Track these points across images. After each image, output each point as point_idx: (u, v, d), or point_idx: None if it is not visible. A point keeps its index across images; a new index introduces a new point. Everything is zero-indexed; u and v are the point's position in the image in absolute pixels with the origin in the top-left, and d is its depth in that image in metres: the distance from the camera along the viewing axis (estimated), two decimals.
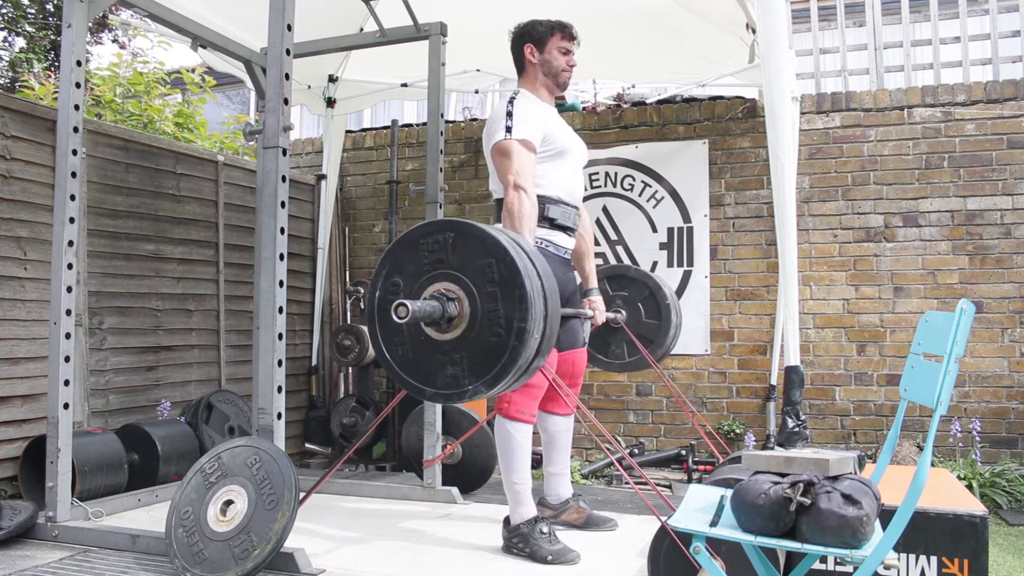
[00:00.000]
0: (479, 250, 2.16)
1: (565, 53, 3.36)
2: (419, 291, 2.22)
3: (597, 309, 3.54)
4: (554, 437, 3.45)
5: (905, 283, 4.89)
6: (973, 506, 2.55)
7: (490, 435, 4.29)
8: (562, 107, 5.73)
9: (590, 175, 5.50)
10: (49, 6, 6.86)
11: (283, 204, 3.03)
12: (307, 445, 5.63)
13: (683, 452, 4.99)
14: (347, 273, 6.10)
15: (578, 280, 3.56)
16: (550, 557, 2.99)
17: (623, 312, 3.94)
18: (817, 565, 2.55)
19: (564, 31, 3.37)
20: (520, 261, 2.12)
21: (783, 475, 1.95)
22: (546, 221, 3.18)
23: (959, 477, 4.20)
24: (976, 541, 2.46)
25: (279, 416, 2.98)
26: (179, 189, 4.78)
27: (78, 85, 3.38)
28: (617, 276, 4.06)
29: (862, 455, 2.37)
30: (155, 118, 6.04)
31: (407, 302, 2.03)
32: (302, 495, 2.87)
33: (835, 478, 1.90)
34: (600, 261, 5.40)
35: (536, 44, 3.36)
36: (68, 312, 3.32)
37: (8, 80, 6.66)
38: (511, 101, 3.19)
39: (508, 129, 3.10)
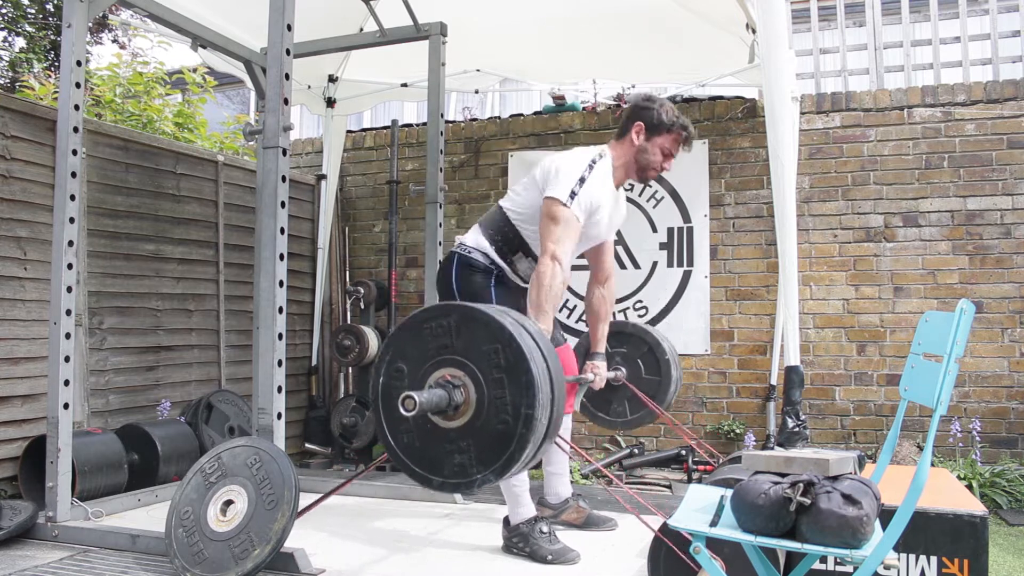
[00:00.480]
0: (484, 335, 2.12)
1: (666, 156, 3.20)
2: (424, 377, 2.18)
3: (598, 374, 3.44)
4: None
5: (905, 283, 4.89)
6: (973, 506, 2.55)
7: None
8: (562, 107, 5.73)
9: None
10: (49, 6, 6.86)
11: (283, 204, 3.03)
12: (307, 445, 5.63)
13: (683, 452, 4.99)
14: (347, 273, 6.10)
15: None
16: (550, 556, 2.99)
17: (623, 369, 3.89)
18: (817, 565, 2.55)
19: (682, 136, 3.18)
20: (526, 346, 2.08)
21: (783, 475, 1.95)
22: (510, 265, 3.21)
23: (959, 477, 4.20)
24: (976, 541, 2.46)
25: (279, 416, 2.98)
26: (179, 189, 4.78)
27: (78, 85, 3.38)
28: (615, 333, 3.97)
29: (862, 455, 2.37)
30: (154, 118, 6.04)
31: (414, 394, 2.00)
32: (318, 497, 2.86)
33: (835, 478, 1.90)
34: None
35: (648, 130, 3.16)
36: (68, 312, 3.32)
37: (8, 80, 6.66)
38: (593, 164, 3.07)
39: (572, 195, 2.98)
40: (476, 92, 6.03)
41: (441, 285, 3.31)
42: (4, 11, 6.77)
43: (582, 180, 3.00)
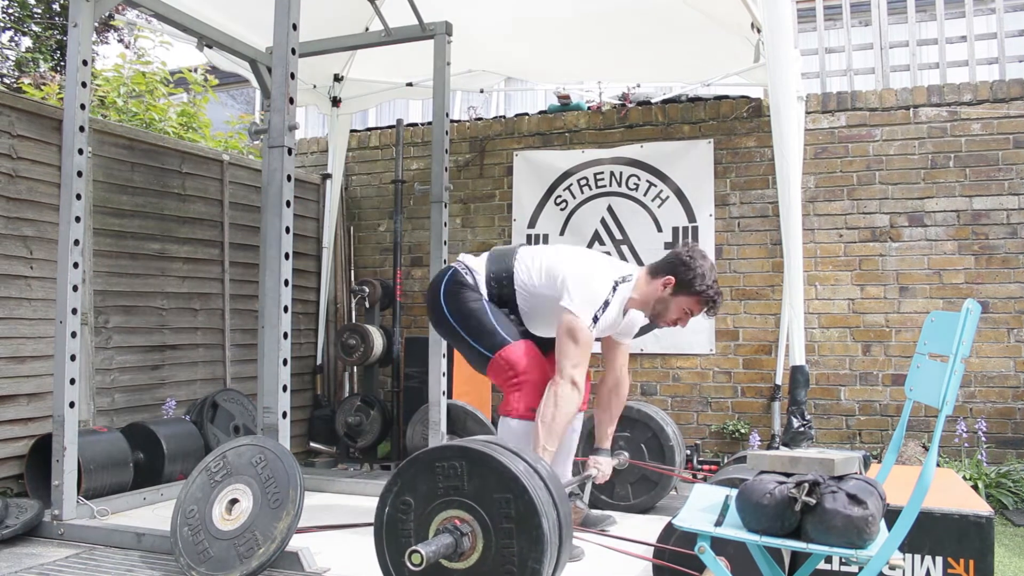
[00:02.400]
0: (496, 483, 2.11)
1: (685, 314, 3.24)
2: (430, 515, 2.17)
3: (600, 469, 3.46)
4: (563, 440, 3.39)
5: (910, 283, 4.88)
6: (979, 506, 2.54)
7: (493, 433, 4.29)
8: (567, 107, 5.73)
9: (595, 174, 5.50)
10: (55, 6, 6.87)
11: (288, 203, 3.03)
12: (312, 444, 5.63)
13: (688, 452, 4.98)
14: (352, 272, 6.11)
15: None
16: None
17: (625, 454, 3.88)
18: (822, 565, 2.54)
19: (708, 305, 3.22)
20: (538, 498, 2.07)
21: (788, 475, 1.94)
22: (495, 293, 3.25)
23: (964, 477, 4.19)
24: (982, 541, 2.45)
25: (284, 415, 2.98)
26: (184, 188, 4.79)
27: (84, 84, 3.38)
28: (619, 417, 3.99)
29: (867, 455, 2.36)
30: (156, 118, 6.04)
31: (421, 549, 1.99)
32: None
33: (840, 478, 1.89)
34: None
35: (677, 286, 3.19)
36: (74, 311, 3.33)
37: (15, 79, 6.68)
38: (616, 287, 3.14)
39: (595, 319, 3.05)
40: (481, 91, 6.03)
41: (430, 293, 3.36)
42: (10, 11, 6.79)
43: (606, 304, 3.08)
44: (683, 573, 2.35)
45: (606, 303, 3.07)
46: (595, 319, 3.04)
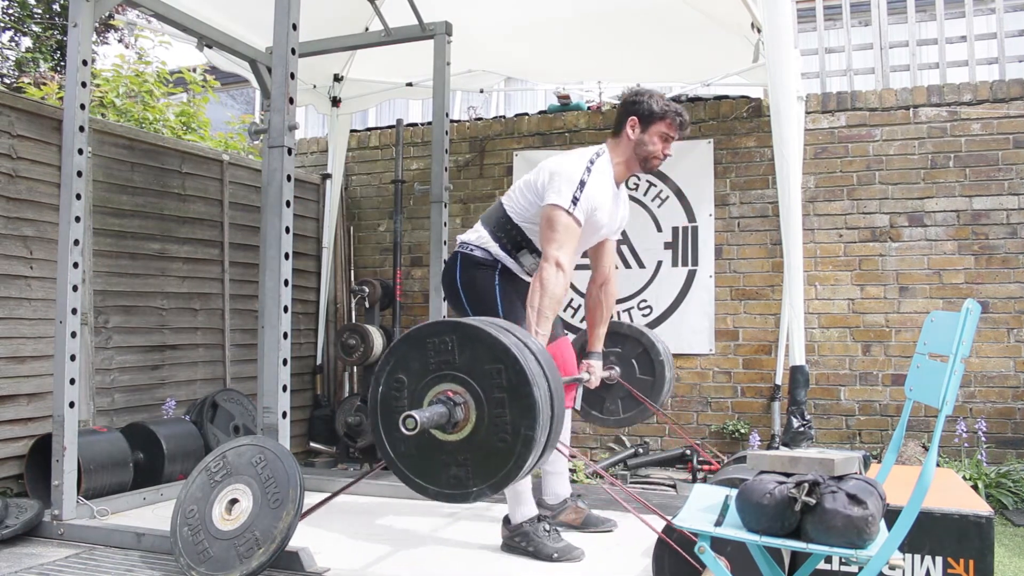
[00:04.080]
0: (487, 355, 2.12)
1: (665, 141, 3.21)
2: (423, 390, 2.18)
3: (593, 373, 3.45)
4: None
5: (910, 283, 4.88)
6: (978, 506, 2.54)
7: None
8: (567, 107, 5.73)
9: None
10: (55, 6, 6.87)
11: (288, 203, 3.03)
12: (311, 444, 5.63)
13: (688, 452, 4.99)
14: (352, 272, 6.11)
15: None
16: (555, 555, 2.99)
17: (617, 368, 3.89)
18: (822, 565, 2.54)
19: (676, 120, 3.20)
20: (528, 368, 2.09)
21: (788, 475, 1.94)
22: (516, 260, 3.22)
23: (964, 477, 4.18)
24: (981, 542, 2.46)
25: (284, 415, 2.98)
26: (184, 188, 4.79)
27: (84, 84, 3.39)
28: (611, 333, 3.94)
29: (867, 455, 2.37)
30: (151, 118, 6.03)
31: (415, 414, 2.01)
32: (326, 496, 2.86)
33: (840, 478, 1.90)
34: None
35: (642, 121, 3.20)
36: (74, 311, 3.33)
37: (15, 79, 6.69)
38: (591, 164, 3.10)
39: (574, 200, 3.01)
40: (481, 91, 6.04)
41: (446, 285, 3.33)
42: (10, 11, 6.80)
43: (582, 184, 3.03)
44: (683, 573, 2.35)
45: (582, 183, 3.04)
46: (575, 200, 3.00)
